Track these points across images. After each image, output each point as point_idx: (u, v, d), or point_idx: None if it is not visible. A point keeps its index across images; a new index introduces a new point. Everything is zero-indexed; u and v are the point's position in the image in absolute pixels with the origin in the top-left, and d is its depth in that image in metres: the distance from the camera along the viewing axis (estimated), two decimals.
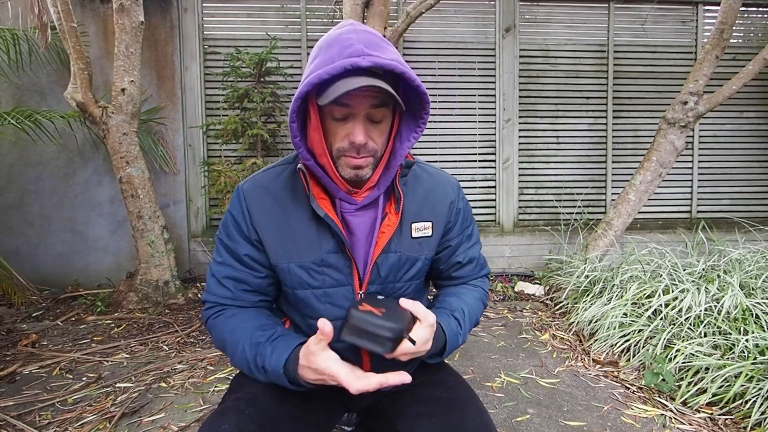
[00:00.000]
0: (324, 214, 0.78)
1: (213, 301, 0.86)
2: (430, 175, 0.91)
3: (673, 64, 3.63)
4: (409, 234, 0.85)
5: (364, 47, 0.68)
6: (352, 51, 0.68)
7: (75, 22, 2.62)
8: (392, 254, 0.83)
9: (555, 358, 2.08)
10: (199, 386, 1.81)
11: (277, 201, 0.83)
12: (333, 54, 0.69)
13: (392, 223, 0.82)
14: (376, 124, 0.76)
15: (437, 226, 0.88)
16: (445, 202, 0.89)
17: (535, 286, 3.14)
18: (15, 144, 3.13)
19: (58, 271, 3.25)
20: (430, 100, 0.76)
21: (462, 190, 0.94)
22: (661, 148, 2.86)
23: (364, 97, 0.71)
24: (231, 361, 0.83)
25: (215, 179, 2.93)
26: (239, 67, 3.01)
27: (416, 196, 0.87)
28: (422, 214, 0.86)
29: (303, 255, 0.81)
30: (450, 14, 3.48)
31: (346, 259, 0.81)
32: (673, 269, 2.32)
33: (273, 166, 0.88)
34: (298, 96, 0.70)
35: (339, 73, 0.67)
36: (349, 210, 0.82)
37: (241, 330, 0.79)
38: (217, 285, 0.85)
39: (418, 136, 0.80)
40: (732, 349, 1.72)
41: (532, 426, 1.51)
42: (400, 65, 0.70)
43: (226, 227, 0.86)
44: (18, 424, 1.51)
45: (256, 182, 0.85)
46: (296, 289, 0.83)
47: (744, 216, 3.57)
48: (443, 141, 3.54)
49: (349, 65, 0.66)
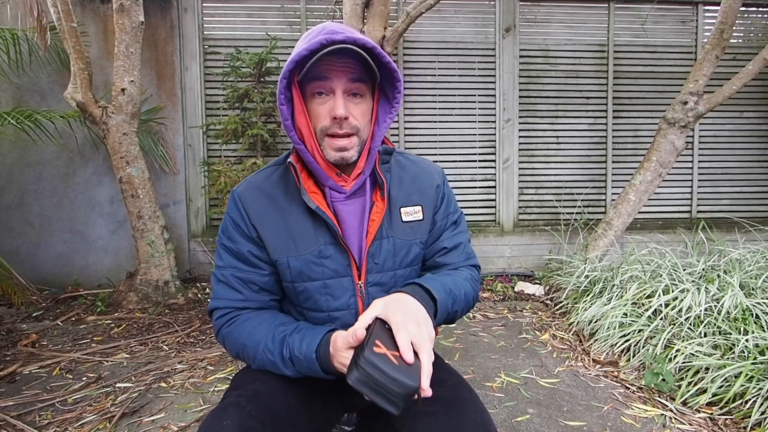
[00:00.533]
0: (315, 206, 0.80)
1: (224, 307, 0.86)
2: (414, 162, 0.94)
3: (673, 64, 3.63)
4: (400, 219, 0.87)
5: (337, 28, 0.76)
6: (327, 30, 0.75)
7: (75, 22, 2.62)
8: (386, 240, 0.85)
9: (555, 358, 2.08)
10: (199, 386, 1.81)
11: (271, 199, 0.85)
12: (309, 37, 0.77)
13: (380, 210, 0.84)
14: (357, 102, 0.80)
15: (427, 210, 0.90)
16: (432, 186, 0.92)
17: (535, 286, 3.14)
18: (15, 144, 3.13)
19: (58, 271, 3.25)
20: (401, 79, 0.81)
21: (446, 177, 0.97)
22: (661, 148, 2.86)
23: (342, 71, 0.77)
24: (252, 364, 0.81)
25: (215, 179, 2.93)
26: (239, 67, 3.01)
27: (403, 182, 0.89)
28: (411, 199, 0.89)
29: (301, 248, 0.83)
30: (450, 14, 3.48)
31: (342, 250, 0.83)
32: (673, 269, 2.32)
33: (264, 169, 0.91)
34: (282, 76, 0.76)
35: (316, 48, 0.73)
36: (339, 199, 0.85)
37: (261, 330, 0.80)
38: (225, 289, 0.85)
39: (393, 116, 0.85)
40: (732, 349, 1.72)
41: (532, 426, 1.51)
42: (371, 42, 0.76)
43: (225, 230, 0.87)
44: (18, 424, 1.51)
45: (249, 184, 0.88)
46: (296, 282, 0.84)
47: (744, 216, 3.57)
48: (443, 141, 3.54)
49: (325, 40, 0.72)
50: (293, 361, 0.75)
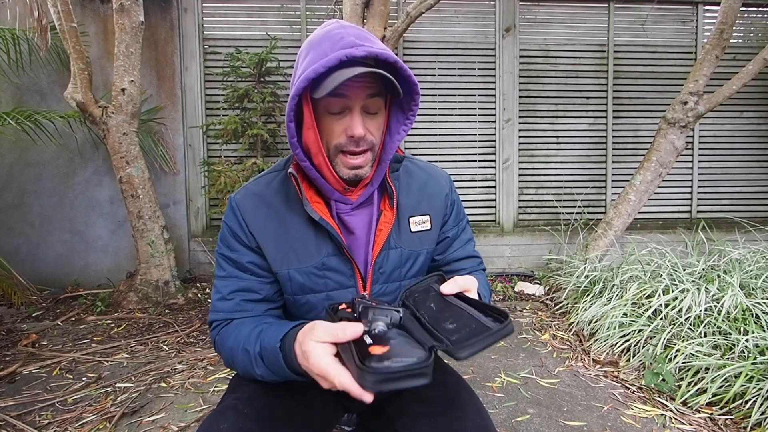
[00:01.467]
0: (319, 217, 0.77)
1: (222, 319, 0.81)
2: (422, 169, 0.91)
3: (673, 64, 3.63)
4: (408, 229, 0.85)
5: (355, 39, 0.68)
6: (344, 43, 0.68)
7: (75, 22, 2.62)
8: (393, 251, 0.83)
9: (555, 358, 2.07)
10: (199, 386, 1.81)
11: (271, 208, 0.81)
12: (325, 48, 0.69)
13: (389, 220, 0.81)
14: (373, 117, 0.75)
15: (435, 219, 0.88)
16: (441, 195, 0.89)
17: (535, 286, 3.14)
18: (15, 144, 3.13)
19: (58, 271, 3.25)
20: (420, 92, 0.76)
21: (454, 183, 0.94)
22: (661, 148, 2.86)
23: (360, 88, 0.71)
24: (237, 369, 0.75)
25: (215, 179, 2.93)
26: (239, 67, 3.01)
27: (411, 191, 0.86)
28: (420, 208, 0.86)
29: (303, 260, 0.80)
30: (450, 14, 3.48)
31: (346, 261, 0.81)
32: (673, 269, 2.32)
33: (263, 175, 0.87)
34: (295, 93, 0.69)
35: (334, 65, 0.66)
36: (346, 210, 0.81)
37: (245, 332, 0.75)
38: (222, 301, 0.81)
39: (407, 129, 0.80)
40: (732, 349, 1.72)
41: (532, 426, 1.51)
42: (392, 54, 0.70)
43: (224, 239, 0.83)
44: (18, 424, 1.51)
45: (248, 191, 0.84)
46: (297, 294, 0.82)
47: (744, 216, 3.57)
48: (443, 141, 3.54)
49: (344, 56, 0.66)
50: (262, 355, 0.68)
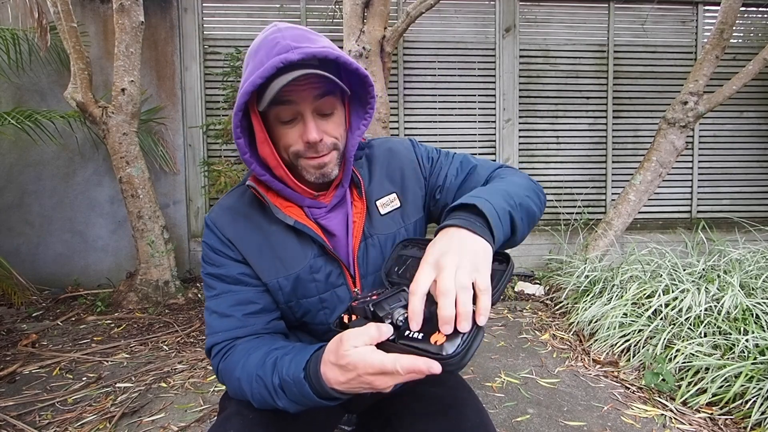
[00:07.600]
0: (294, 221, 0.75)
1: (221, 341, 0.75)
2: (381, 149, 0.88)
3: (673, 64, 3.63)
4: (378, 213, 0.82)
5: (291, 42, 0.66)
6: (279, 48, 0.66)
7: (75, 22, 2.62)
8: (370, 239, 0.81)
9: (555, 358, 2.07)
10: (199, 386, 1.81)
11: (248, 219, 0.79)
12: (262, 57, 0.67)
13: (360, 211, 0.80)
14: (328, 118, 0.72)
15: (406, 192, 0.84)
16: (404, 165, 0.85)
17: (535, 286, 3.13)
18: (15, 144, 3.13)
19: (58, 271, 3.25)
20: (372, 83, 0.74)
21: (416, 141, 0.90)
22: (661, 148, 2.86)
23: (306, 91, 0.68)
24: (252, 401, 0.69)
25: (215, 179, 2.94)
26: (239, 67, 3.01)
27: (373, 174, 0.84)
28: (383, 189, 0.83)
29: (290, 267, 0.78)
30: (450, 14, 3.48)
31: (332, 260, 0.79)
32: (673, 269, 2.32)
33: (233, 189, 0.85)
34: (238, 109, 0.67)
35: (272, 73, 0.64)
36: (321, 214, 0.80)
37: (254, 358, 0.69)
38: (220, 319, 0.76)
39: (368, 123, 0.78)
40: (732, 349, 1.72)
41: (532, 426, 1.51)
42: (333, 51, 0.67)
43: (207, 258, 0.80)
44: (18, 424, 1.51)
45: (221, 207, 0.82)
46: (291, 302, 0.80)
47: (744, 216, 3.56)
48: (443, 141, 3.53)
49: (280, 62, 0.64)
50: (284, 387, 0.63)
